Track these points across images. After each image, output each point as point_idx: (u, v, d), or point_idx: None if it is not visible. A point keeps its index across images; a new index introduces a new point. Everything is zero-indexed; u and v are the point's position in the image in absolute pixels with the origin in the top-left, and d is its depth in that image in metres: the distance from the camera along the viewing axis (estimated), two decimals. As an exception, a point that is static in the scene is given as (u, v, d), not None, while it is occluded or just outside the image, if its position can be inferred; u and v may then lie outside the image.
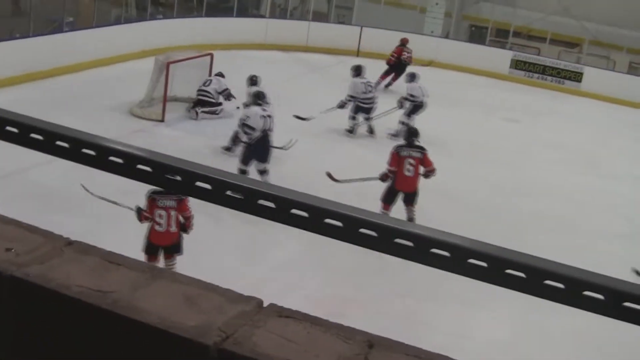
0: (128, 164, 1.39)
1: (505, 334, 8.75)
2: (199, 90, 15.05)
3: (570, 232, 11.83)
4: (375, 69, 19.63)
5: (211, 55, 15.91)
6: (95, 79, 16.51)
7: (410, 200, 10.91)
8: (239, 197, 1.27)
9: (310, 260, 9.41)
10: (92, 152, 1.42)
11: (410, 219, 10.63)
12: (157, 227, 8.24)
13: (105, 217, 9.60)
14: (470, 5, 26.11)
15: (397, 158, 10.72)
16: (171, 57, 15.05)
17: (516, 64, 23.36)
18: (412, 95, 15.44)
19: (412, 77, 15.76)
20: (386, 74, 19.60)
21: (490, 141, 15.89)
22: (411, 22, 24.27)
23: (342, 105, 14.96)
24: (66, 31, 17.29)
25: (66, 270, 1.63)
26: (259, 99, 11.89)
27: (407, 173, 10.74)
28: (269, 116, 11.56)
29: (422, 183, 11.02)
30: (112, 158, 1.42)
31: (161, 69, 14.69)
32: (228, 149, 12.96)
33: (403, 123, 14.82)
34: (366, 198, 10.40)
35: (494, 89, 21.48)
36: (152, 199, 8.13)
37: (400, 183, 10.79)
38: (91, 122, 13.54)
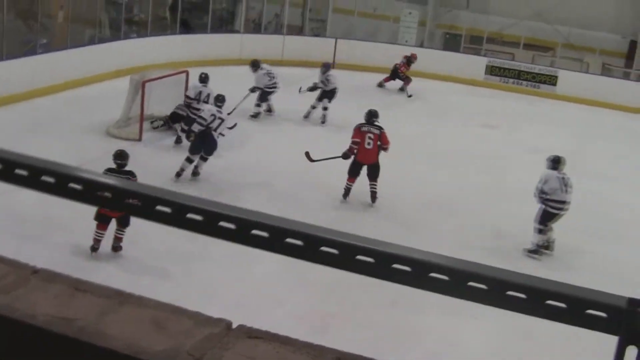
0: (87, 191, 1.38)
1: (493, 340, 8.75)
2: (178, 105, 14.96)
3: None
4: (351, 79, 19.80)
5: (186, 72, 15.88)
6: (70, 100, 16.41)
7: (372, 174, 12.34)
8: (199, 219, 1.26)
9: (292, 274, 9.37)
10: (51, 180, 1.40)
11: (373, 192, 12.32)
12: None
13: (78, 245, 9.55)
14: (444, 13, 26.24)
15: (359, 132, 12.33)
16: (146, 76, 14.98)
17: (491, 70, 23.50)
18: (328, 81, 17.09)
19: (328, 67, 17.50)
20: (390, 78, 21.30)
21: (470, 148, 15.93)
22: (385, 33, 24.41)
23: (247, 95, 16.55)
24: (40, 53, 17.21)
25: (32, 299, 1.61)
26: (218, 101, 13.24)
27: (367, 146, 12.24)
28: (220, 118, 12.81)
29: (409, 193, 11.17)
30: (71, 185, 1.40)
31: (137, 88, 14.63)
32: (179, 141, 14.30)
33: (325, 108, 16.96)
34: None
35: (470, 96, 21.57)
36: (105, 175, 8.56)
37: (362, 156, 12.29)
38: (68, 144, 13.50)
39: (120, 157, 9.66)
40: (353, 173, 12.38)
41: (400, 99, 20.26)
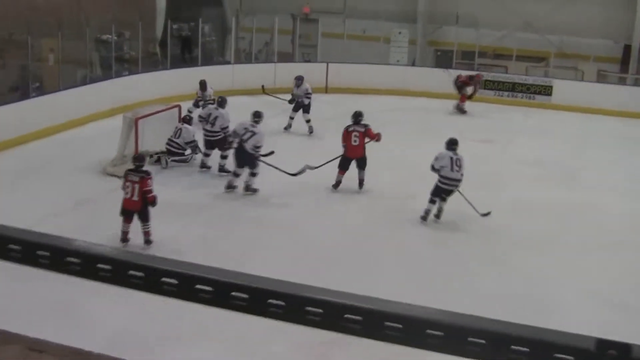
0: (26, 251, 1.29)
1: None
2: (168, 140, 15.06)
3: (556, 248, 11.76)
4: (345, 102, 19.79)
5: (179, 106, 15.89)
6: (66, 141, 16.42)
7: (360, 165, 13.88)
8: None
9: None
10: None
11: (361, 179, 13.92)
12: (125, 195, 10.88)
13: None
14: (433, 30, 26.26)
15: (345, 133, 13.86)
16: (139, 113, 14.98)
17: (485, 84, 23.39)
18: (309, 93, 18.18)
19: (302, 80, 18.33)
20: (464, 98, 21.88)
21: (467, 164, 15.68)
22: (377, 54, 24.40)
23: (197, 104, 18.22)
24: (33, 96, 17.20)
25: (-14, 364, 1.54)
26: (255, 117, 13.67)
27: (354, 143, 13.77)
28: (252, 132, 13.31)
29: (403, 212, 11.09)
30: (10, 246, 1.32)
31: (130, 126, 14.60)
32: (204, 166, 15.02)
33: (308, 120, 18.13)
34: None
35: (465, 112, 21.54)
36: (126, 173, 11.04)
37: (350, 152, 13.81)
38: (65, 185, 13.50)
39: (138, 159, 11.33)
40: (343, 167, 13.90)
41: (394, 118, 20.15)
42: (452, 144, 12.59)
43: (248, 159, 13.33)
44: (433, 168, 12.40)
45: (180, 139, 15.00)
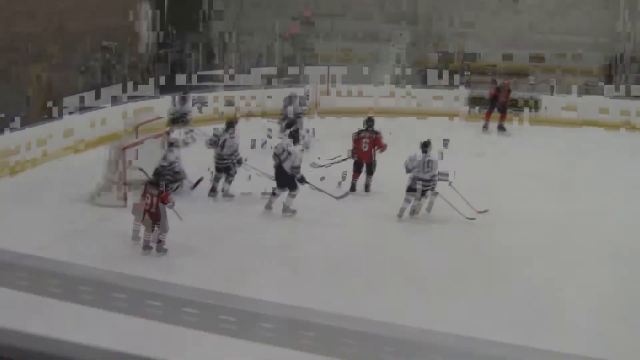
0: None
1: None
2: (160, 167, 14.86)
3: (553, 258, 11.75)
4: (334, 124, 19.76)
5: (166, 132, 15.78)
6: (53, 171, 16.26)
7: (369, 169, 15.19)
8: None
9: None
10: None
11: (367, 184, 15.21)
12: (145, 206, 11.56)
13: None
14: (420, 49, 26.29)
15: (356, 139, 15.27)
16: (126, 141, 14.83)
17: (472, 101, 23.31)
18: (298, 113, 18.83)
19: (295, 98, 19.02)
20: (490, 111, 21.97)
21: (461, 179, 15.51)
22: (363, 75, 24.34)
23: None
24: (20, 127, 17.00)
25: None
26: (290, 136, 14.60)
27: (364, 149, 15.20)
28: (288, 152, 13.68)
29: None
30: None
31: (117, 154, 14.44)
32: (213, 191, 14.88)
33: (303, 137, 18.15)
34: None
35: (454, 129, 21.39)
36: (145, 186, 11.80)
37: (360, 155, 15.17)
38: (52, 216, 13.34)
39: (159, 174, 12.26)
40: (356, 170, 15.17)
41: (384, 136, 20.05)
42: (424, 146, 13.56)
43: (288, 180, 13.63)
44: (407, 169, 13.44)
45: (165, 162, 14.83)
